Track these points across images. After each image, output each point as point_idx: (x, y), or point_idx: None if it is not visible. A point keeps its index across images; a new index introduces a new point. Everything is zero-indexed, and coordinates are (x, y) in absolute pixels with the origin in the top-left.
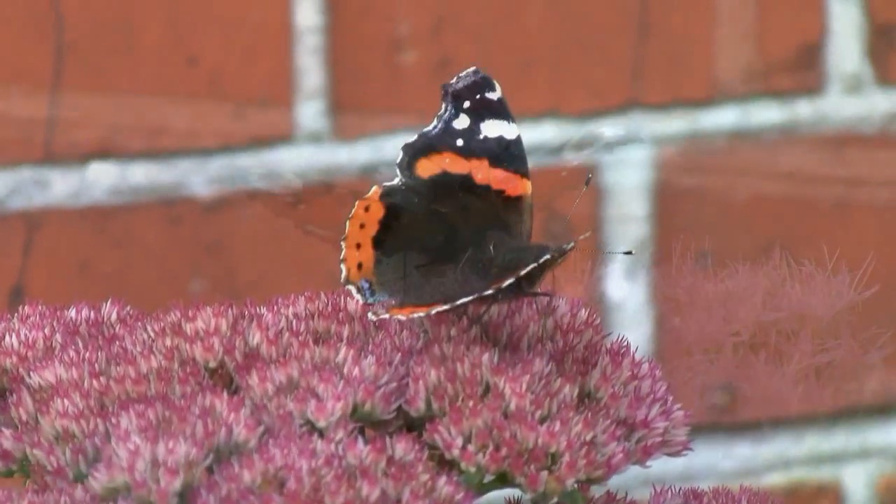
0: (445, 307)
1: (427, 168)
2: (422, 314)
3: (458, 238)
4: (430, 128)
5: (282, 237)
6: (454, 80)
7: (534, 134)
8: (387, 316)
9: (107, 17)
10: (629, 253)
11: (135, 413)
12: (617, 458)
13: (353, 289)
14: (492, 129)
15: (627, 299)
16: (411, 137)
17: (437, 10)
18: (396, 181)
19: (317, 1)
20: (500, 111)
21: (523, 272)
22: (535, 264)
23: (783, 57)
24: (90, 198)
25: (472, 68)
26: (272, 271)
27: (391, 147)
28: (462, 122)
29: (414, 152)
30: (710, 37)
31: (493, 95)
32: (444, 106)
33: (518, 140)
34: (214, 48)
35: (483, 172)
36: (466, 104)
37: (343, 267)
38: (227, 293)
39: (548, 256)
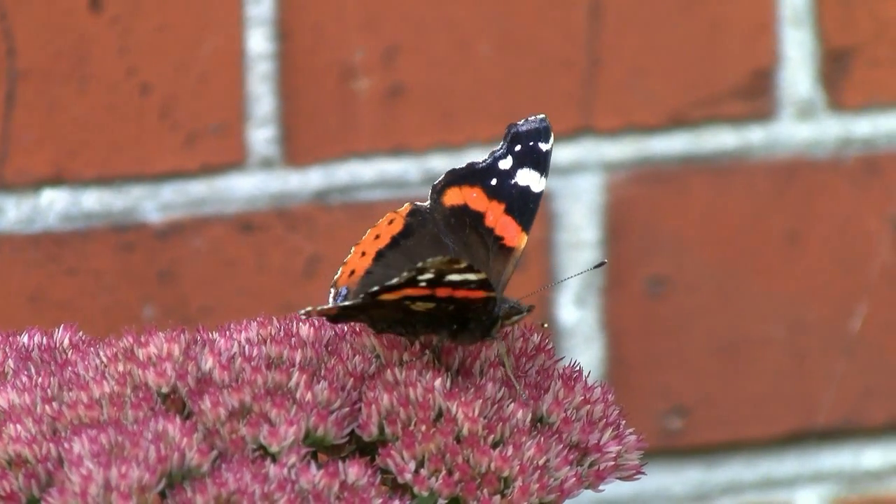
0: (323, 307)
1: (453, 197)
2: (312, 312)
3: None
4: (481, 161)
5: (234, 264)
6: (521, 122)
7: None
8: (303, 315)
9: (59, 45)
10: (602, 264)
11: (87, 438)
12: (570, 483)
13: (332, 292)
14: (524, 177)
15: (579, 324)
16: (364, 164)
17: (389, 38)
18: (428, 203)
19: (268, 28)
20: (539, 162)
21: (377, 288)
22: (396, 280)
23: (735, 82)
24: (43, 224)
25: (542, 115)
26: (224, 298)
27: (343, 173)
28: (506, 163)
29: (452, 179)
30: (661, 62)
31: (544, 146)
32: (501, 144)
33: (539, 195)
34: (166, 75)
35: (495, 216)
36: (518, 147)
37: (340, 269)
38: (179, 319)
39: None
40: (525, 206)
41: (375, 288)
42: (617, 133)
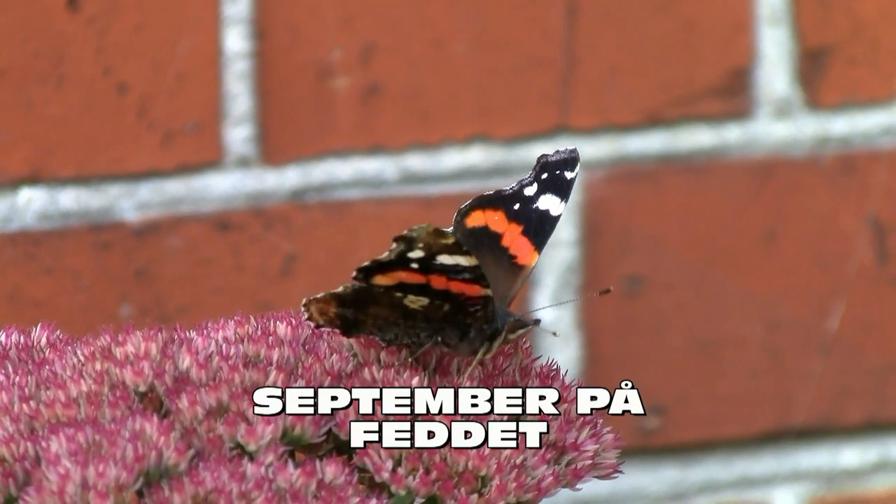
0: (319, 296)
1: (476, 219)
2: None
3: None
4: (509, 187)
5: (211, 263)
6: (553, 152)
7: (462, 158)
8: (303, 307)
9: (37, 44)
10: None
11: (65, 437)
12: (547, 481)
13: None
14: (545, 202)
15: (556, 322)
16: (341, 163)
17: (366, 37)
18: (452, 227)
19: (245, 27)
20: (562, 189)
21: (367, 263)
22: (386, 254)
23: (712, 81)
24: (20, 223)
25: (572, 147)
26: (201, 297)
27: (320, 172)
28: (531, 189)
29: (478, 203)
30: (638, 61)
31: (569, 175)
32: (530, 172)
33: (557, 218)
34: (144, 75)
35: (511, 237)
36: (545, 175)
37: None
38: (156, 318)
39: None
40: (541, 228)
41: (366, 263)
42: (594, 132)
